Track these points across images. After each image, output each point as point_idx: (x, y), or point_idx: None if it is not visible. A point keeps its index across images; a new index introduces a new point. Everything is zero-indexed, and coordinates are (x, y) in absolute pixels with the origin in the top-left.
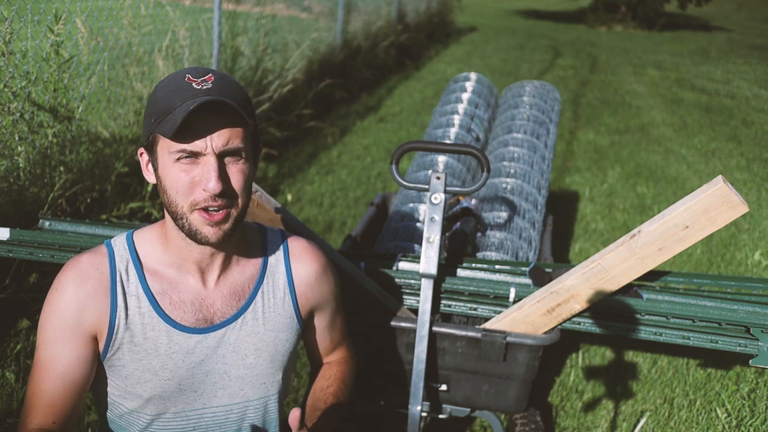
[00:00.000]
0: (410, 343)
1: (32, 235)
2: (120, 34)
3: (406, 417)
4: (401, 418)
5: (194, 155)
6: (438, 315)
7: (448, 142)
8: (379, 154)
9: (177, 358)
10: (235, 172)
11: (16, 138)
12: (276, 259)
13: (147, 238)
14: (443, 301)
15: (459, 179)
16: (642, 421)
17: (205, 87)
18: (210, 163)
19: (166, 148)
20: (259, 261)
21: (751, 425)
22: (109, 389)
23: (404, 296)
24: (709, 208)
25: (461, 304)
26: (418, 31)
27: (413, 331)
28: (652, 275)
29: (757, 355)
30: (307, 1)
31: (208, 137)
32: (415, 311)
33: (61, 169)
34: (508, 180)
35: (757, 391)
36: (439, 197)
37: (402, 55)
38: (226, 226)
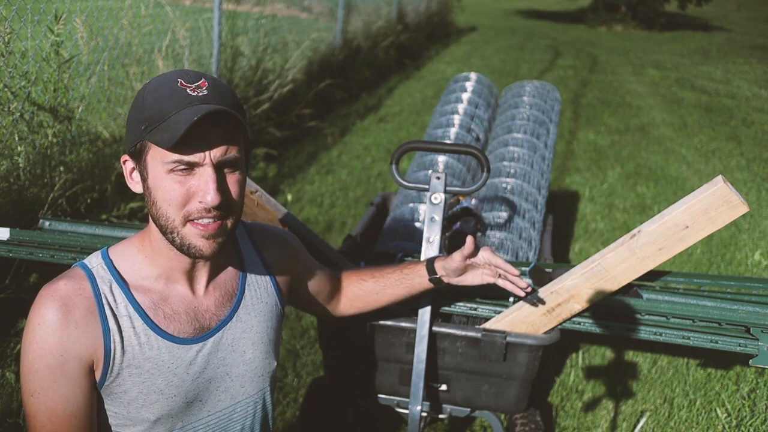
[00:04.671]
0: (410, 343)
1: (32, 235)
2: (120, 34)
3: (406, 417)
4: (401, 418)
5: (191, 166)
6: (438, 315)
7: (448, 142)
8: (379, 154)
9: (180, 373)
10: (232, 183)
11: (16, 138)
12: (248, 251)
13: (126, 254)
14: (443, 301)
15: (459, 179)
16: (642, 421)
17: (200, 94)
18: (208, 174)
19: (159, 157)
20: (236, 256)
21: (751, 425)
22: (105, 419)
23: None
24: (709, 208)
25: (461, 304)
26: (418, 31)
27: (413, 331)
28: (652, 275)
29: (757, 355)
30: (307, 1)
31: (207, 148)
32: (415, 311)
33: (61, 169)
34: (508, 180)
35: (757, 391)
36: (439, 197)
37: (402, 55)
38: (221, 238)
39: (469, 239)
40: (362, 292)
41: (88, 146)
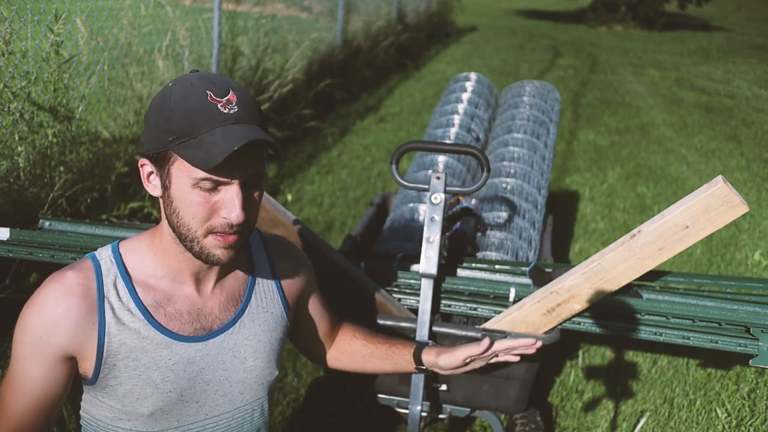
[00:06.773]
0: None
1: (32, 235)
2: (120, 34)
3: (406, 417)
4: (401, 418)
5: (218, 184)
6: (438, 315)
7: (448, 142)
8: (379, 154)
9: (178, 369)
10: (254, 199)
11: (16, 138)
12: (260, 259)
13: (135, 250)
14: (443, 301)
15: (459, 179)
16: (642, 421)
17: (232, 111)
18: (235, 192)
19: (186, 171)
20: (247, 263)
21: (751, 425)
22: (102, 412)
23: (404, 296)
24: (709, 208)
25: (461, 304)
26: (418, 31)
27: (413, 331)
28: (652, 275)
29: (757, 355)
30: (307, 1)
31: (238, 170)
32: (415, 311)
33: (61, 169)
34: (508, 180)
35: (757, 391)
36: (439, 197)
37: (402, 55)
38: (238, 247)
39: (486, 342)
40: (351, 349)
41: (88, 146)
